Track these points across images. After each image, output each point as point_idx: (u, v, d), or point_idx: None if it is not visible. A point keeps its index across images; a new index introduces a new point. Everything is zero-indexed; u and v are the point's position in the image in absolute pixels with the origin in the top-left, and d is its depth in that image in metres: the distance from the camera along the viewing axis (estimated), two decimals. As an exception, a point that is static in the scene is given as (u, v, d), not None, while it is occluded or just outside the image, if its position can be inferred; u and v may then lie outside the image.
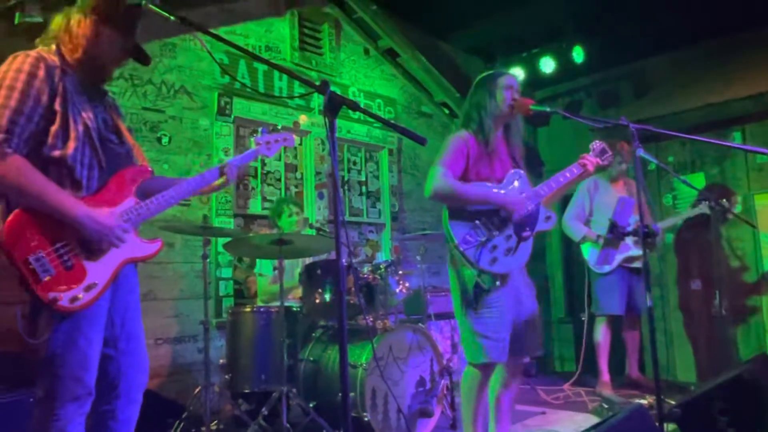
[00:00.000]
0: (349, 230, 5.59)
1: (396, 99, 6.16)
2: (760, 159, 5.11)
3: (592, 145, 2.94)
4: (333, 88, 1.71)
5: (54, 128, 1.83)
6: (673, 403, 3.03)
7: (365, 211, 5.89)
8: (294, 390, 3.43)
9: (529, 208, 2.72)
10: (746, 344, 5.14)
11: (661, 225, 4.77)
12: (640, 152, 2.64)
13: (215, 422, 3.50)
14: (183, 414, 3.44)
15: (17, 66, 1.81)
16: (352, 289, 3.57)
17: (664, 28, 5.57)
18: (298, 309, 3.83)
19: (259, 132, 2.49)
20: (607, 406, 4.25)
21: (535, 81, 6.44)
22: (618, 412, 2.51)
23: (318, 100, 5.22)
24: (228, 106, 4.67)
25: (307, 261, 4.13)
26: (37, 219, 1.77)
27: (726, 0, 4.95)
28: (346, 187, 5.71)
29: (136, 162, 2.07)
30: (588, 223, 4.78)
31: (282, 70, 1.96)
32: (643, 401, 4.07)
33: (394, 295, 3.73)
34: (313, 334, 3.91)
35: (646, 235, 2.65)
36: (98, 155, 1.91)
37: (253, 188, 4.97)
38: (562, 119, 6.50)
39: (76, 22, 1.92)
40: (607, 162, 2.95)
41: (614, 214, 4.61)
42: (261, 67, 4.94)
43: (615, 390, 4.64)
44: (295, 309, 3.82)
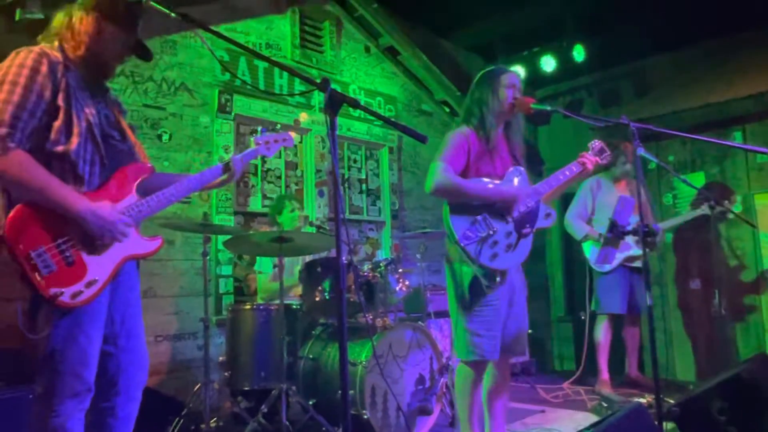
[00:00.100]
0: (349, 228, 5.59)
1: (396, 97, 6.15)
2: (760, 158, 5.11)
3: (590, 144, 2.96)
4: (333, 86, 1.71)
5: (57, 124, 1.83)
6: (672, 402, 3.03)
7: (365, 209, 5.89)
8: (293, 387, 3.44)
9: (529, 204, 2.74)
10: (745, 343, 5.14)
11: (662, 225, 4.77)
12: (641, 151, 2.64)
13: (215, 419, 3.50)
14: (182, 411, 3.44)
15: (20, 61, 1.81)
16: (352, 287, 3.57)
17: (664, 27, 5.58)
18: (298, 307, 3.83)
19: (259, 131, 2.48)
20: (606, 405, 4.25)
21: (536, 80, 6.44)
22: (617, 411, 2.51)
23: (318, 97, 5.22)
24: (228, 104, 4.67)
25: (307, 259, 4.13)
26: (39, 214, 1.78)
27: (727, 0, 4.95)
28: (346, 185, 5.71)
29: (137, 159, 2.07)
30: (590, 222, 4.78)
31: (283, 67, 1.96)
32: (642, 400, 4.07)
33: (393, 293, 3.73)
34: (313, 332, 3.91)
35: (646, 234, 2.65)
36: (100, 151, 1.92)
37: (253, 186, 4.97)
38: (563, 118, 6.50)
39: (79, 19, 1.92)
40: (606, 161, 2.97)
41: (614, 213, 4.61)
42: (261, 65, 4.94)
43: (614, 389, 4.64)
44: (294, 307, 3.82)
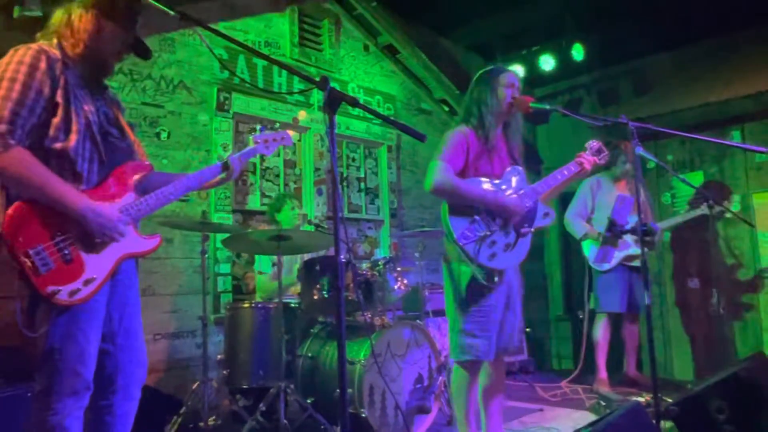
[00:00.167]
0: (347, 227, 5.59)
1: (395, 95, 6.15)
2: (758, 158, 5.12)
3: (588, 144, 2.97)
4: (332, 85, 1.71)
5: (56, 121, 1.83)
6: (670, 400, 3.04)
7: (364, 208, 5.89)
8: (292, 386, 3.44)
9: (527, 205, 2.73)
10: (744, 342, 5.15)
11: (661, 225, 4.77)
12: (639, 150, 2.65)
13: (213, 418, 3.51)
14: (181, 409, 3.45)
15: (19, 58, 1.81)
16: (351, 286, 3.57)
17: (664, 26, 5.58)
18: (297, 305, 3.83)
19: (258, 130, 2.48)
20: (604, 404, 4.26)
21: (535, 78, 6.44)
22: (615, 410, 2.52)
23: (317, 96, 5.22)
24: (227, 102, 4.66)
25: (305, 257, 4.13)
26: (37, 211, 1.77)
27: (726, -1, 4.96)
28: (345, 184, 5.71)
29: (136, 157, 2.07)
30: (590, 221, 4.78)
31: (282, 65, 1.96)
32: (641, 399, 4.08)
33: (392, 291, 3.72)
34: (312, 330, 3.91)
35: (644, 233, 2.66)
36: (99, 149, 1.91)
37: (251, 184, 4.96)
38: (562, 117, 6.49)
39: (78, 16, 1.92)
40: (604, 161, 2.98)
41: (613, 212, 4.62)
42: (260, 63, 4.93)
43: (612, 387, 4.64)
44: (293, 305, 3.82)
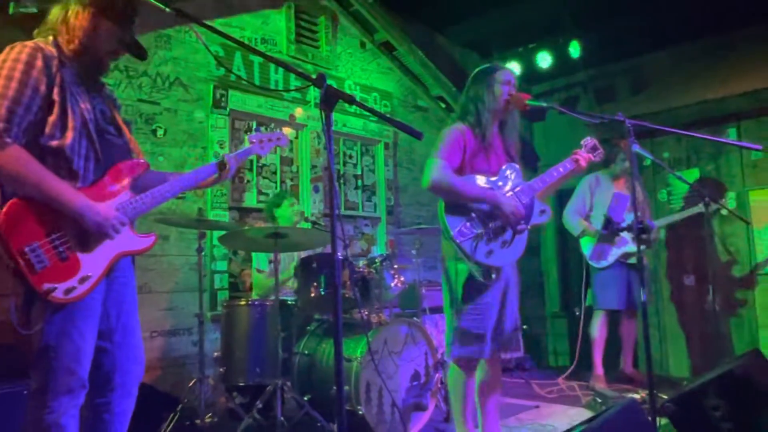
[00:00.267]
0: (344, 224, 5.58)
1: (392, 93, 6.14)
2: (754, 155, 5.13)
3: (583, 142, 2.99)
4: (329, 82, 1.70)
5: (52, 118, 1.83)
6: (665, 397, 3.05)
7: (361, 205, 5.88)
8: (288, 383, 3.44)
9: (523, 202, 2.74)
10: (739, 339, 5.17)
11: (658, 223, 4.78)
12: (636, 148, 2.66)
13: (210, 415, 3.50)
14: (177, 407, 3.44)
15: (14, 56, 1.80)
16: (348, 283, 3.57)
17: (661, 24, 5.58)
18: (293, 302, 3.83)
19: (253, 129, 2.47)
20: (600, 401, 4.28)
21: (532, 76, 6.44)
22: (611, 407, 2.53)
23: (314, 93, 5.21)
24: (223, 99, 4.65)
25: (302, 254, 4.13)
26: (33, 209, 1.77)
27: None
28: (341, 181, 5.70)
29: (132, 155, 2.07)
30: (588, 219, 4.79)
31: (278, 62, 1.95)
32: (636, 396, 4.10)
33: (389, 289, 3.73)
34: (308, 328, 3.91)
35: (640, 230, 2.66)
36: (95, 147, 1.91)
37: (248, 181, 4.95)
38: (558, 114, 6.52)
39: (74, 13, 1.91)
40: (599, 158, 3.00)
41: (609, 209, 4.63)
42: (257, 60, 4.92)
43: (608, 384, 4.66)
44: (290, 302, 3.82)
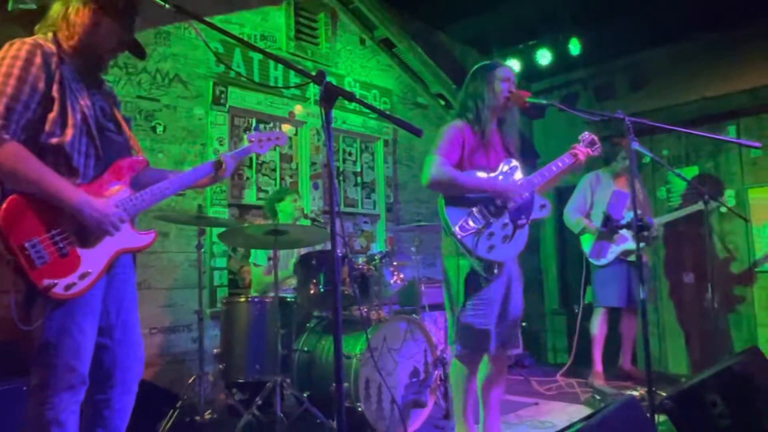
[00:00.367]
0: (344, 221, 5.58)
1: (392, 90, 6.14)
2: (754, 153, 5.13)
3: (581, 136, 2.99)
4: (329, 79, 1.70)
5: (52, 115, 1.83)
6: (664, 394, 3.06)
7: (360, 202, 5.88)
8: (288, 380, 3.44)
9: (524, 195, 2.75)
10: (738, 336, 5.18)
11: (658, 221, 4.79)
12: (635, 145, 2.66)
13: (209, 412, 3.51)
14: (177, 403, 3.44)
15: (14, 53, 1.80)
16: (347, 280, 3.57)
17: (661, 21, 5.58)
18: (293, 299, 3.83)
19: (253, 127, 2.47)
20: (599, 398, 4.28)
21: (532, 73, 6.44)
22: (610, 404, 2.53)
23: (314, 89, 5.20)
24: (223, 96, 4.65)
25: (302, 251, 4.13)
26: (33, 205, 1.77)
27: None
28: (341, 178, 5.70)
29: (132, 152, 2.07)
30: (588, 217, 4.80)
31: (278, 59, 1.95)
32: (635, 393, 4.10)
33: (388, 286, 3.73)
34: (308, 325, 3.91)
35: (639, 228, 2.67)
36: (95, 144, 1.91)
37: (248, 178, 4.95)
38: (558, 112, 6.53)
39: (75, 10, 1.91)
40: (597, 153, 3.00)
41: (608, 206, 4.64)
42: (256, 57, 4.91)
43: (607, 381, 4.67)
44: (289, 299, 3.82)
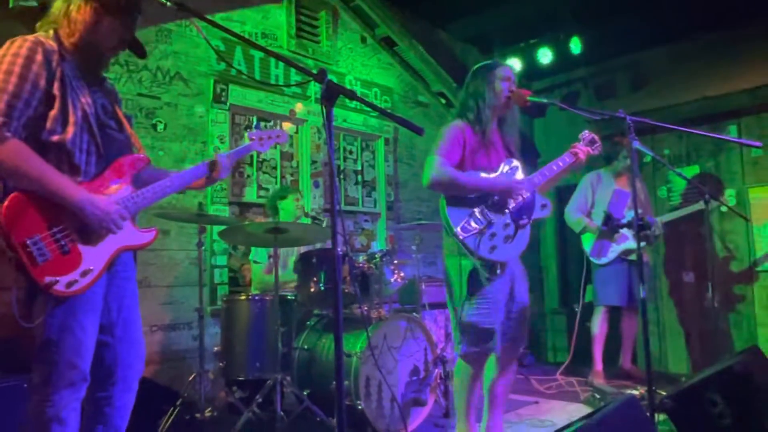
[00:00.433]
0: (344, 219, 5.59)
1: (393, 88, 6.13)
2: (754, 152, 5.12)
3: (581, 135, 2.99)
4: (329, 77, 1.70)
5: (53, 113, 1.82)
6: (664, 393, 3.06)
7: (361, 201, 5.89)
8: (288, 378, 3.44)
9: (524, 195, 2.75)
10: (738, 336, 5.18)
11: (659, 220, 4.78)
12: (636, 144, 2.65)
13: (209, 409, 3.51)
14: (177, 401, 3.44)
15: (14, 50, 1.80)
16: (347, 278, 3.57)
17: (662, 20, 5.57)
18: (293, 297, 3.83)
19: (254, 126, 2.47)
20: (599, 396, 4.29)
21: (533, 72, 6.43)
22: (610, 403, 2.53)
23: (315, 88, 5.20)
24: (224, 93, 4.64)
25: (302, 250, 4.13)
26: (34, 202, 1.77)
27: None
28: (342, 176, 5.70)
29: (134, 149, 2.07)
30: (589, 216, 4.80)
31: (279, 57, 1.95)
32: (635, 392, 4.11)
33: (388, 284, 3.73)
34: (308, 323, 3.91)
35: (640, 227, 2.67)
36: (96, 141, 1.91)
37: (248, 176, 4.95)
38: (559, 110, 6.52)
39: (76, 7, 1.91)
40: (597, 151, 3.00)
41: (609, 205, 4.63)
42: (257, 54, 4.91)
43: (607, 380, 4.67)
44: (289, 297, 3.82)
